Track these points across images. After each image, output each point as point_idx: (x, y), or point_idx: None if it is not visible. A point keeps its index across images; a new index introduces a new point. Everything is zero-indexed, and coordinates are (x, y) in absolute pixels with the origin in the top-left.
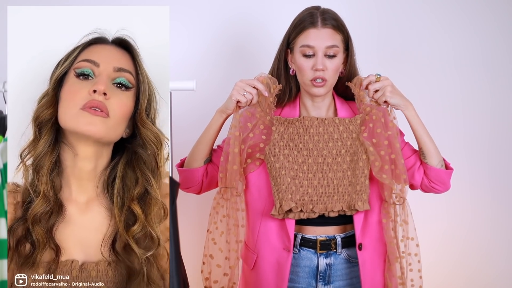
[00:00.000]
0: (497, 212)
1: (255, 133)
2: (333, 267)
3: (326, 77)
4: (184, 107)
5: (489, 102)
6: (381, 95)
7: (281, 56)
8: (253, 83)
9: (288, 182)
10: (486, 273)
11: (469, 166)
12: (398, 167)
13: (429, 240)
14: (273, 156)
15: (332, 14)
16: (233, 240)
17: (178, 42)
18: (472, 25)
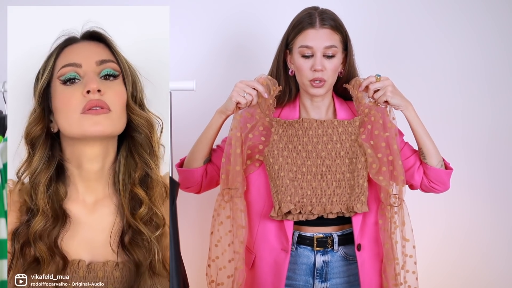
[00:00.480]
0: (496, 213)
1: (254, 134)
2: (330, 265)
3: (325, 77)
4: (184, 107)
5: (488, 103)
6: (381, 95)
7: (280, 57)
8: (253, 85)
9: (287, 184)
10: (485, 275)
11: (467, 167)
12: (396, 168)
13: (427, 241)
14: (272, 158)
15: (331, 15)
16: (237, 241)
17: (178, 42)
18: (472, 27)
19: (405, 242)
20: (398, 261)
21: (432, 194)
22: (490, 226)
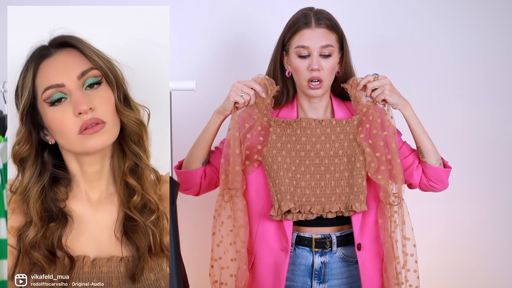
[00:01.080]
0: (495, 213)
1: (253, 134)
2: (328, 266)
3: (322, 77)
4: (184, 107)
5: (487, 101)
6: (379, 93)
7: (276, 58)
8: (251, 84)
9: (286, 183)
10: (484, 275)
11: (467, 166)
12: (395, 167)
13: (427, 241)
14: (270, 158)
15: (326, 14)
16: (239, 241)
17: (178, 42)
18: (471, 24)
19: (405, 241)
20: (399, 260)
21: (431, 195)
22: (490, 226)
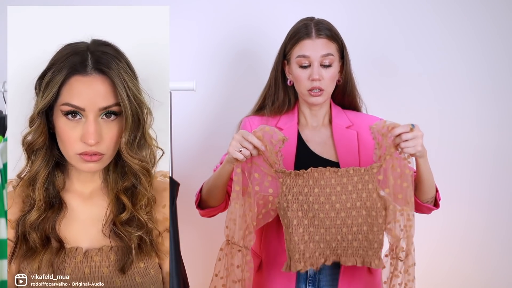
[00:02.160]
0: (494, 214)
1: (265, 186)
2: (323, 272)
3: (322, 86)
4: (184, 107)
5: (489, 103)
6: (412, 146)
7: (278, 67)
8: (249, 139)
9: (295, 241)
10: (483, 276)
11: (465, 172)
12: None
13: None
14: (282, 210)
15: (326, 24)
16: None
17: (178, 42)
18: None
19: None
20: (396, 262)
21: None
22: (488, 228)
